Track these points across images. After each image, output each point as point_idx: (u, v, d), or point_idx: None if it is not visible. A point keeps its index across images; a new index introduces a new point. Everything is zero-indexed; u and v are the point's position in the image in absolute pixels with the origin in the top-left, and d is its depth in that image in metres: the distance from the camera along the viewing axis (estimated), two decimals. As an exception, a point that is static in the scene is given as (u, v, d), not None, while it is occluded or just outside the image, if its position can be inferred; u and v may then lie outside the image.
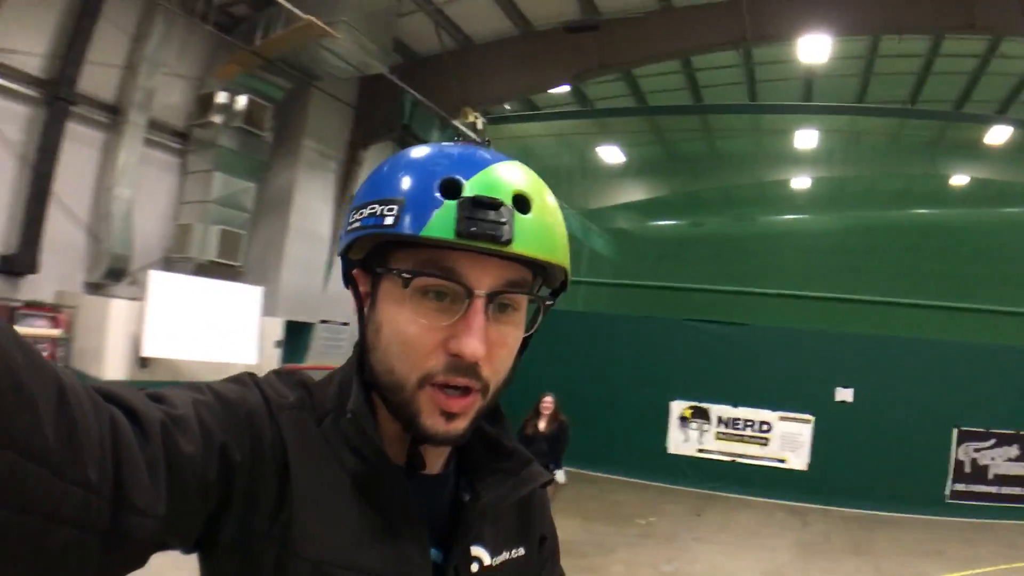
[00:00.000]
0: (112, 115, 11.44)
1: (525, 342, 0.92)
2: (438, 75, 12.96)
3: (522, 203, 0.80)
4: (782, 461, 10.76)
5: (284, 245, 12.77)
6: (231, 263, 12.24)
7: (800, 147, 15.29)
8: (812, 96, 14.46)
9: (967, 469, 10.35)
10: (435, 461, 0.92)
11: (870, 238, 15.15)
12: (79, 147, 11.14)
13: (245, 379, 0.88)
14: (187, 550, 0.77)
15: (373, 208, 0.82)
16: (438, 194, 0.78)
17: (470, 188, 0.78)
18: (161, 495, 0.64)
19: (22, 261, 10.37)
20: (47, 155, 10.56)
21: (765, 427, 10.90)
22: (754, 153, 16.60)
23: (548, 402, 7.87)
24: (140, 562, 0.65)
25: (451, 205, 0.77)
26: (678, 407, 11.50)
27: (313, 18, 10.13)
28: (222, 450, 0.74)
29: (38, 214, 10.47)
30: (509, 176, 0.82)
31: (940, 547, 8.58)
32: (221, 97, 11.81)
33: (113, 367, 10.24)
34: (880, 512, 10.14)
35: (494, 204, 0.77)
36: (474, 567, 0.91)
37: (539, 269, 0.87)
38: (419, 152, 0.87)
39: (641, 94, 15.19)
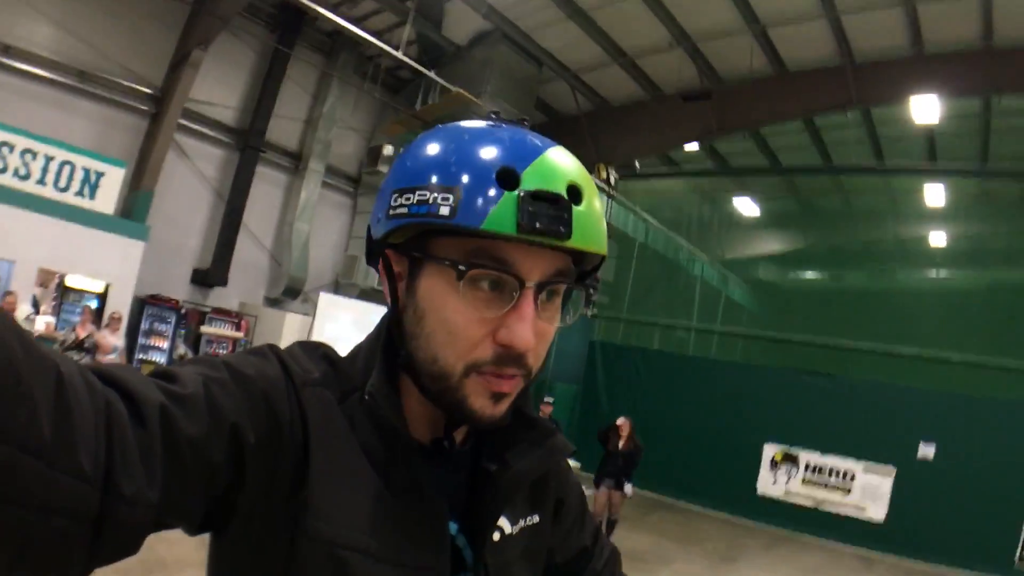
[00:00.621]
0: (295, 161, 14.06)
1: None
2: (575, 134, 14.58)
3: (575, 194, 0.79)
4: (861, 509, 11.39)
5: (436, 280, 14.96)
6: (389, 294, 14.72)
7: (932, 204, 15.51)
8: (936, 151, 14.84)
9: None
10: (459, 436, 0.93)
11: (1003, 298, 15.06)
12: (266, 186, 13.79)
13: (267, 352, 0.86)
14: (193, 531, 0.76)
15: (423, 194, 0.78)
16: (496, 185, 0.76)
17: (528, 180, 0.77)
18: (155, 481, 0.63)
19: (214, 275, 13.12)
20: (239, 192, 13.24)
21: (848, 477, 11.58)
22: (888, 210, 16.85)
23: (622, 423, 9.21)
24: (132, 548, 0.64)
25: (511, 198, 0.75)
26: (771, 450, 12.37)
27: (462, 90, 12.11)
28: (233, 431, 0.72)
29: (230, 239, 13.13)
30: (562, 165, 0.81)
31: None
32: (388, 150, 14.14)
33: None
34: (946, 568, 10.48)
35: (554, 198, 0.76)
36: (496, 536, 0.91)
37: (578, 256, 0.86)
38: (466, 135, 0.83)
39: (771, 150, 16.12)
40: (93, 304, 10.08)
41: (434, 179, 0.79)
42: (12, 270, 9.73)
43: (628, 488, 8.97)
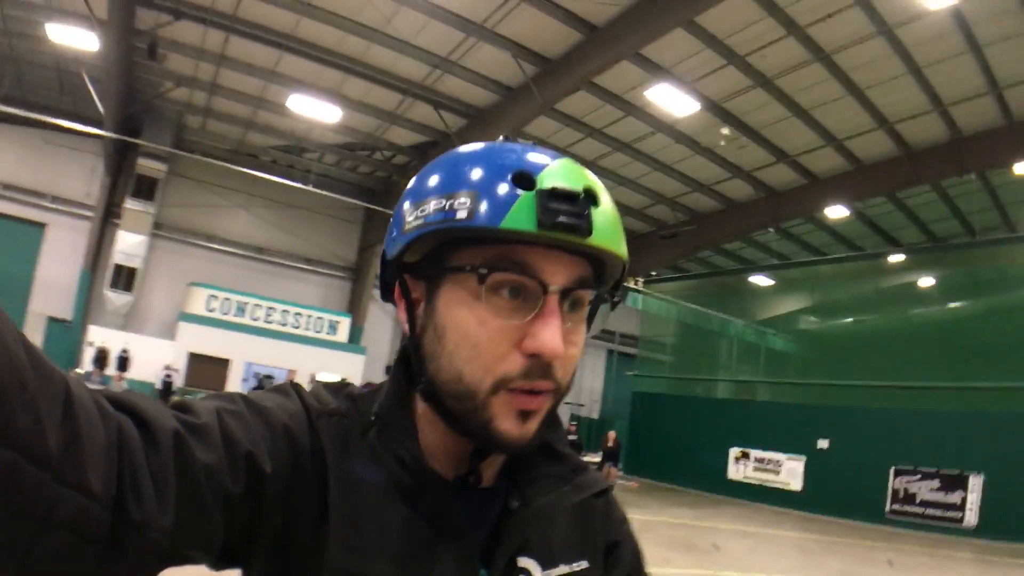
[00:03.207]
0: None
1: None
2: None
3: (593, 196, 0.79)
4: (787, 484, 18.53)
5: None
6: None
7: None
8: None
9: (901, 495, 16.56)
10: (488, 473, 0.91)
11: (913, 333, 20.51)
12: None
13: (287, 388, 0.88)
14: (215, 565, 0.77)
15: (439, 202, 0.79)
16: (513, 185, 0.76)
17: (544, 181, 0.77)
18: (167, 507, 0.63)
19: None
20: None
21: (778, 464, 18.90)
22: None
23: (612, 434, 17.52)
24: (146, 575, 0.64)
25: (529, 196, 0.75)
26: (734, 452, 19.80)
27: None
28: (248, 459, 0.73)
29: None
30: (578, 170, 0.82)
31: (876, 544, 13.73)
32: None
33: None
34: (838, 518, 16.80)
35: (573, 195, 0.76)
36: None
37: (599, 265, 0.86)
38: (479, 148, 0.85)
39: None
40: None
41: (450, 186, 0.79)
42: (295, 376, 19.68)
43: (616, 468, 17.16)
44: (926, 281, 21.17)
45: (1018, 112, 15.51)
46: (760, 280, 24.43)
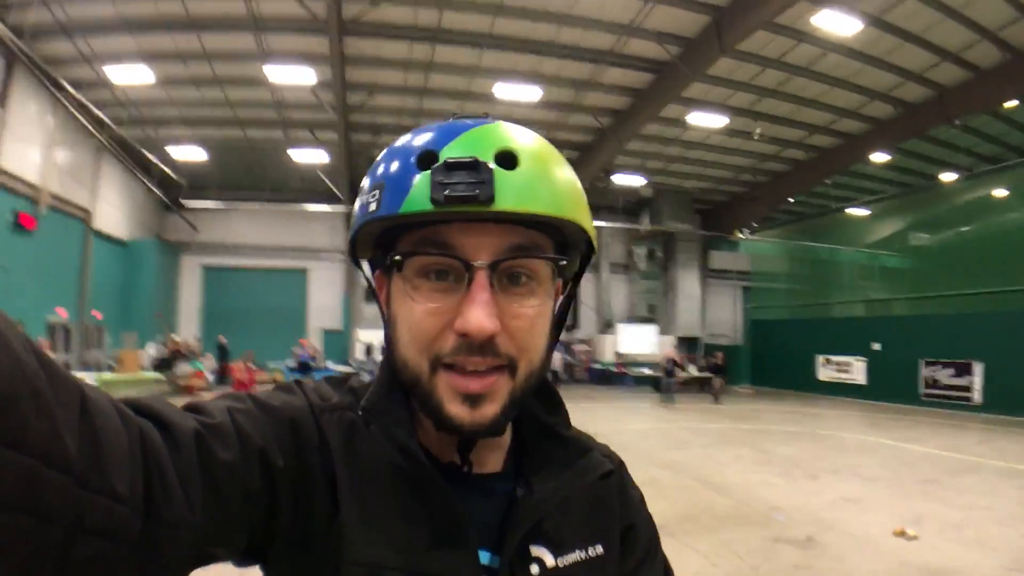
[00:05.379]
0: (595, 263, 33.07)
1: (563, 316, 0.93)
2: (726, 211, 30.53)
3: (507, 159, 0.79)
4: (855, 379, 24.94)
5: (676, 305, 31.62)
6: (651, 317, 31.83)
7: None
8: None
9: (930, 382, 22.03)
10: (491, 458, 0.94)
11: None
12: (585, 282, 33.57)
13: (291, 386, 0.93)
14: (239, 562, 0.82)
15: (362, 199, 0.84)
16: (416, 168, 0.78)
17: (444, 154, 0.78)
18: (195, 505, 0.67)
19: (572, 325, 31.70)
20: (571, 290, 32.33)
21: (849, 365, 25.30)
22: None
23: (719, 355, 25.13)
24: (179, 574, 0.68)
25: (426, 175, 0.77)
26: (820, 359, 26.62)
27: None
28: (261, 455, 0.77)
29: (574, 308, 32.24)
30: (492, 135, 0.82)
31: (916, 420, 18.84)
32: (638, 251, 31.26)
33: (608, 359, 30.70)
34: (888, 403, 22.69)
35: (468, 164, 0.76)
36: (534, 569, 0.89)
37: (554, 232, 0.86)
38: (407, 134, 0.86)
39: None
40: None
41: (369, 181, 0.84)
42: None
43: (722, 379, 24.54)
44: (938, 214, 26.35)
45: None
46: (854, 212, 30.21)
